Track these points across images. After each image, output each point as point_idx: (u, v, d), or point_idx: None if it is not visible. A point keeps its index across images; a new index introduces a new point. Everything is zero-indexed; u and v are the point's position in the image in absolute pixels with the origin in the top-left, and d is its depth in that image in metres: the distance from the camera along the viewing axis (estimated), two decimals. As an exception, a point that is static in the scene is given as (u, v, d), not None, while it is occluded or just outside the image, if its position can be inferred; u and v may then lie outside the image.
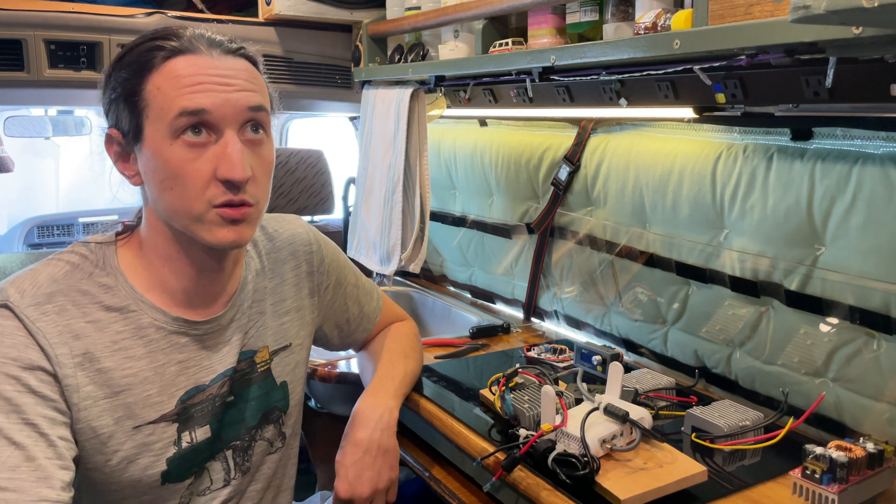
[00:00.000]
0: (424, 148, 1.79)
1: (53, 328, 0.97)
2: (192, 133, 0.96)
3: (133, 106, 0.98)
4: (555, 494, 1.07)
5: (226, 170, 0.96)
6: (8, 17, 1.74)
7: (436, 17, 1.61)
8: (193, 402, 1.07)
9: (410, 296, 2.38)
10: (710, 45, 1.00)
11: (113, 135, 1.02)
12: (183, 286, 1.06)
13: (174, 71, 0.96)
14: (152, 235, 1.05)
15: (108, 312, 1.02)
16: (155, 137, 0.97)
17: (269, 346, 1.18)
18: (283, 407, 1.20)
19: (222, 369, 1.10)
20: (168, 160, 0.96)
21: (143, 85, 0.97)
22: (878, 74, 0.96)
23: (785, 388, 1.32)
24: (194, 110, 0.95)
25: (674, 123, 1.55)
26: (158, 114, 0.96)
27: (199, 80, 0.96)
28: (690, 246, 1.51)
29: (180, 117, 0.95)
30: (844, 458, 1.00)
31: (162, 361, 1.04)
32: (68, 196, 3.63)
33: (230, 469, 1.13)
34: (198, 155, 0.96)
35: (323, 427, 2.06)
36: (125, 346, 1.02)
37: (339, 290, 1.34)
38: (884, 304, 1.18)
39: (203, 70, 0.97)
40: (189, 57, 0.97)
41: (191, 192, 0.97)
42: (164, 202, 0.99)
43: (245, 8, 2.22)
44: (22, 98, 2.16)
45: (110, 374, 1.00)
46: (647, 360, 1.67)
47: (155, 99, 0.96)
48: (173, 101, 0.95)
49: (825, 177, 1.23)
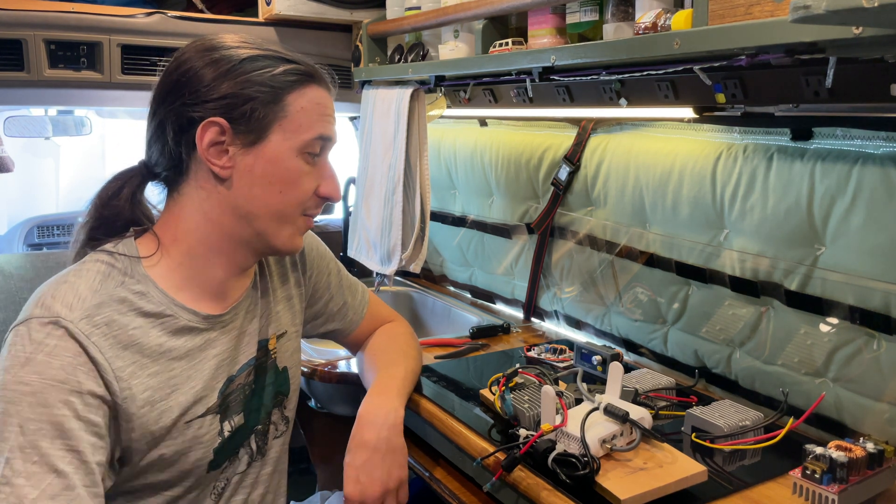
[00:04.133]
0: (424, 148, 1.79)
1: (106, 341, 0.98)
2: (312, 155, 1.10)
3: (268, 112, 1.05)
4: (555, 494, 1.07)
5: (331, 189, 1.12)
6: (8, 17, 1.74)
7: (436, 17, 1.61)
8: (229, 391, 1.13)
9: (410, 296, 2.38)
10: (710, 45, 1.00)
11: (222, 125, 1.03)
12: (215, 282, 1.11)
13: (317, 98, 1.09)
14: (204, 229, 1.09)
15: (146, 318, 1.04)
16: (283, 145, 1.06)
17: (275, 334, 1.23)
18: (285, 391, 1.25)
19: (246, 359, 1.16)
20: (289, 168, 1.07)
21: (285, 98, 1.06)
22: (878, 74, 0.96)
23: (785, 388, 1.32)
24: (328, 137, 1.11)
25: (674, 123, 1.55)
26: (296, 129, 1.07)
27: (328, 112, 1.12)
28: (690, 246, 1.51)
29: (316, 140, 1.09)
30: (844, 458, 1.00)
31: (200, 358, 1.09)
32: (68, 196, 3.63)
33: (253, 452, 1.19)
34: (310, 171, 1.10)
35: (323, 427, 2.06)
36: (168, 349, 1.05)
37: (322, 278, 1.37)
38: (884, 304, 1.18)
39: (329, 102, 1.13)
40: (323, 89, 1.12)
41: (296, 199, 1.09)
42: (263, 200, 1.07)
43: (245, 8, 2.22)
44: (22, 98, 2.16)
45: (160, 378, 1.03)
46: (647, 360, 1.67)
47: (294, 114, 1.07)
48: (314, 124, 1.08)
49: (825, 177, 1.23)
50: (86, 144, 3.61)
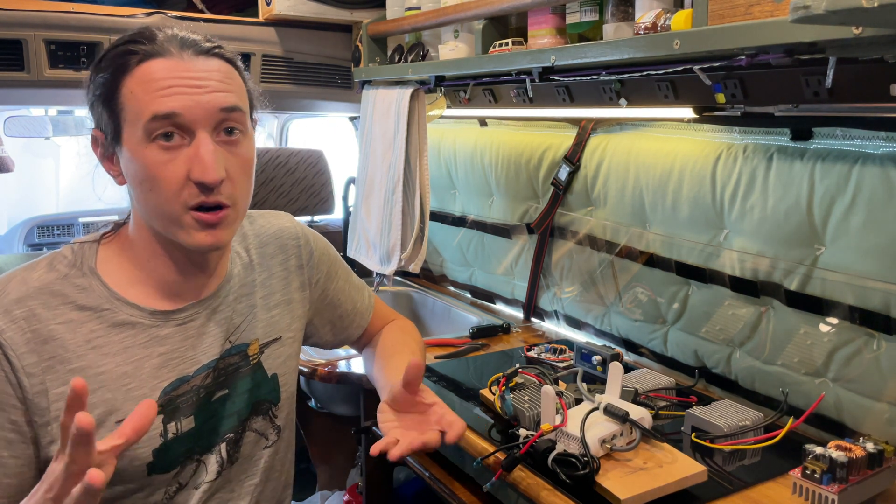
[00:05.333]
0: (424, 148, 1.79)
1: (22, 336, 0.98)
2: (163, 138, 0.97)
3: (111, 108, 1.00)
4: (555, 494, 1.07)
5: (198, 172, 0.97)
6: (8, 17, 1.74)
7: (436, 17, 1.62)
8: (178, 393, 1.08)
9: (410, 296, 2.38)
10: (710, 45, 1.00)
11: (97, 135, 1.05)
12: (167, 281, 1.08)
13: (147, 75, 0.98)
14: (137, 233, 1.08)
15: (81, 312, 1.03)
16: (132, 140, 0.99)
17: (260, 339, 1.19)
18: (273, 399, 1.20)
19: (206, 360, 1.11)
20: (144, 163, 0.98)
21: (119, 88, 0.99)
22: (878, 74, 0.96)
23: (785, 388, 1.32)
24: (166, 114, 0.96)
25: (674, 123, 1.55)
26: (134, 117, 0.98)
27: (169, 83, 0.97)
28: (690, 246, 1.51)
29: (153, 121, 0.96)
30: (844, 458, 1.00)
31: (141, 355, 1.06)
32: (68, 196, 3.63)
33: (223, 461, 1.14)
34: (172, 157, 0.98)
35: (323, 427, 2.06)
36: (99, 345, 1.03)
37: (330, 284, 1.34)
38: (884, 304, 1.18)
39: (174, 73, 0.98)
40: (161, 60, 0.99)
41: (166, 195, 0.98)
42: (143, 204, 1.02)
43: (245, 8, 2.22)
44: (22, 98, 2.16)
45: (85, 374, 1.01)
46: (647, 360, 1.67)
47: (129, 102, 0.98)
48: (146, 105, 0.97)
49: (825, 177, 1.23)
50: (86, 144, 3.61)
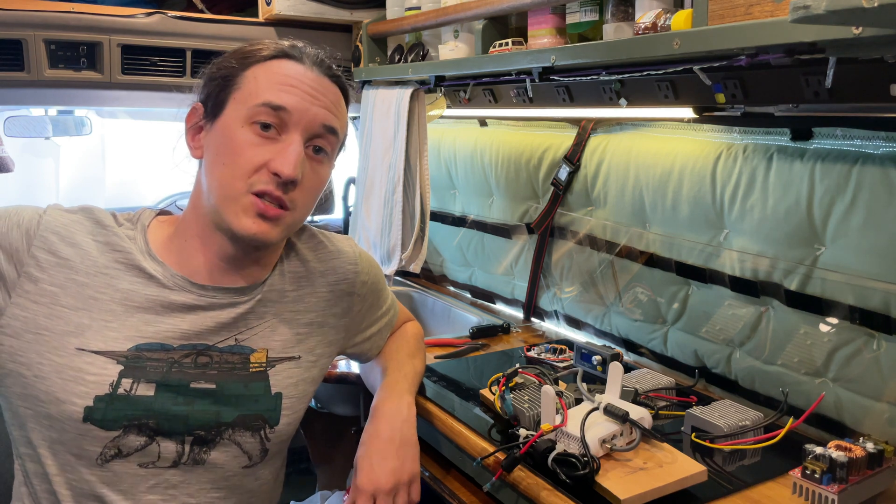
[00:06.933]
0: (424, 148, 1.79)
1: (58, 226, 1.05)
2: (261, 126, 1.02)
3: (226, 85, 1.05)
4: (555, 494, 1.07)
5: (279, 164, 1.01)
6: (8, 17, 1.74)
7: (436, 17, 1.62)
8: (151, 355, 1.04)
9: (410, 296, 2.38)
10: (710, 45, 1.00)
11: (196, 107, 1.10)
12: (199, 262, 1.10)
13: (276, 67, 1.05)
14: (191, 212, 1.10)
15: (114, 251, 1.07)
16: (232, 116, 1.04)
17: (271, 351, 1.14)
18: (271, 420, 1.13)
19: (196, 341, 1.08)
20: (234, 139, 1.03)
21: (244, 71, 1.05)
22: (878, 74, 0.96)
23: (785, 388, 1.32)
24: (277, 105, 1.02)
25: (674, 123, 1.55)
26: (244, 97, 1.03)
27: (291, 82, 1.04)
28: (690, 246, 1.51)
29: (261, 106, 1.02)
30: (844, 458, 1.00)
31: (138, 303, 1.05)
32: (68, 196, 3.62)
33: (183, 455, 1.07)
34: (260, 144, 1.03)
35: (323, 427, 2.06)
36: (111, 275, 1.05)
37: (369, 315, 1.32)
38: (884, 304, 1.18)
39: (299, 76, 1.05)
40: (294, 63, 1.06)
41: (238, 172, 1.02)
42: (211, 176, 1.05)
43: (245, 8, 2.22)
44: (22, 98, 2.16)
45: (81, 289, 1.03)
46: (647, 360, 1.67)
47: (248, 84, 1.04)
48: (263, 90, 1.03)
49: (825, 177, 1.23)
50: (86, 144, 3.61)
